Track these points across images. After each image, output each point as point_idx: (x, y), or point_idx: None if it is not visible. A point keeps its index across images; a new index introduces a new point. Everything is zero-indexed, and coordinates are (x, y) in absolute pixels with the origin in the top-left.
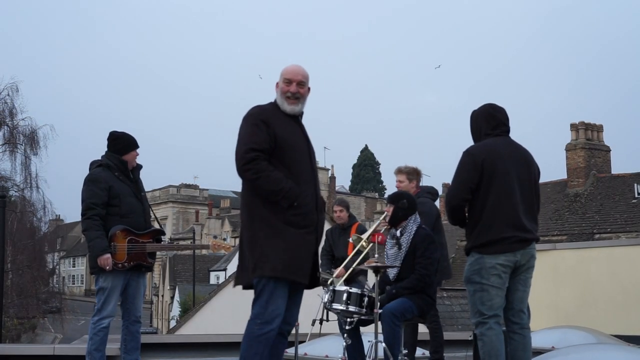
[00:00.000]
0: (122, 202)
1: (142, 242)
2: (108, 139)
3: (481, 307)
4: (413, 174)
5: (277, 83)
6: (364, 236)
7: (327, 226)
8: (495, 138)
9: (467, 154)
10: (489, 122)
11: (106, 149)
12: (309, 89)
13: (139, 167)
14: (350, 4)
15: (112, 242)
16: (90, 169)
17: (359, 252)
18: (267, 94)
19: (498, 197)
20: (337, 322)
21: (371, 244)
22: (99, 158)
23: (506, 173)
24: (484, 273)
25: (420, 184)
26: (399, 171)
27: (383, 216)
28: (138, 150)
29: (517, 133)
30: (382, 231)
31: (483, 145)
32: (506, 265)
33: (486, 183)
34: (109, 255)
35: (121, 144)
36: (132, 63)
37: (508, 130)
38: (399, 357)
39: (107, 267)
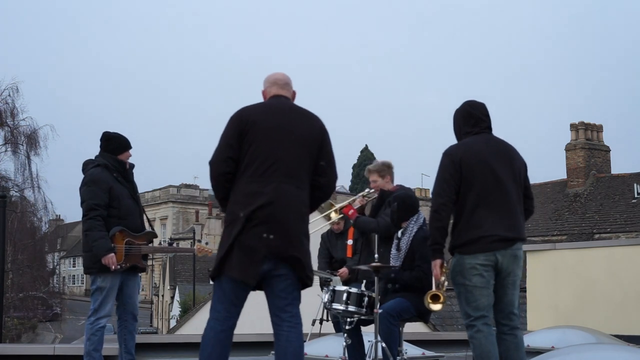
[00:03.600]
0: (120, 204)
1: (138, 244)
2: (101, 140)
3: (467, 308)
4: (384, 169)
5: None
6: (338, 206)
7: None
8: (475, 136)
9: (445, 155)
10: (467, 120)
11: (100, 150)
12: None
13: (132, 166)
14: (350, 5)
15: (111, 243)
16: (84, 169)
17: (326, 218)
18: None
19: (477, 196)
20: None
21: (341, 215)
22: (92, 158)
23: (485, 171)
24: (465, 274)
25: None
26: (369, 171)
27: (361, 193)
28: (131, 152)
29: (517, 133)
30: (356, 207)
31: (460, 145)
32: (486, 264)
33: (465, 182)
34: (112, 255)
35: (115, 144)
36: (133, 64)
37: (489, 127)
38: (398, 357)
39: (113, 267)
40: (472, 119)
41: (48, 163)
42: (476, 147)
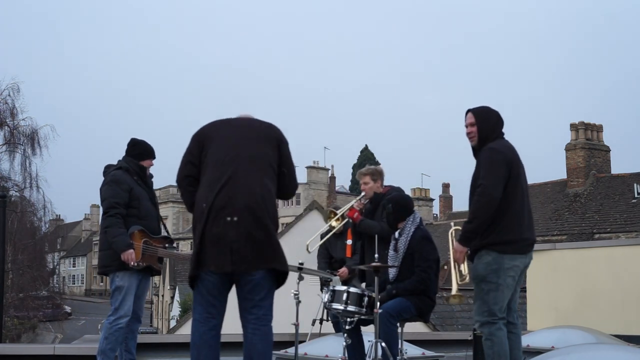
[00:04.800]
0: (140, 205)
1: (155, 245)
2: (128, 145)
3: (494, 307)
4: (376, 174)
5: None
6: (340, 212)
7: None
8: (504, 140)
9: (498, 152)
10: (501, 124)
11: (124, 154)
12: None
13: (151, 175)
14: (349, 3)
15: (130, 240)
16: (105, 173)
17: (331, 228)
18: (263, 100)
19: (520, 199)
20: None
21: (345, 220)
22: (114, 163)
23: (523, 175)
24: (501, 273)
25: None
26: (362, 174)
27: (360, 197)
28: (154, 161)
29: (517, 133)
30: (358, 210)
31: (506, 146)
32: (520, 267)
33: (512, 183)
34: (132, 250)
35: (139, 150)
36: (132, 63)
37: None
38: (398, 357)
39: (132, 263)
40: (502, 124)
41: (48, 163)
42: (515, 151)
